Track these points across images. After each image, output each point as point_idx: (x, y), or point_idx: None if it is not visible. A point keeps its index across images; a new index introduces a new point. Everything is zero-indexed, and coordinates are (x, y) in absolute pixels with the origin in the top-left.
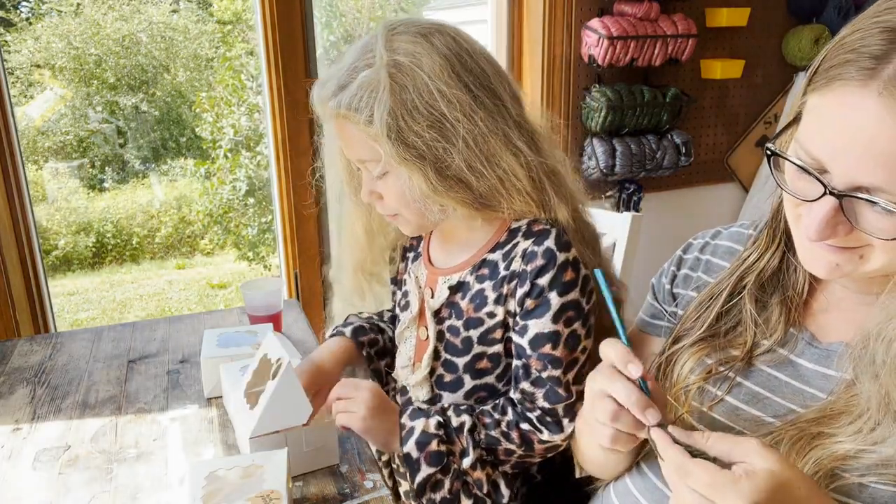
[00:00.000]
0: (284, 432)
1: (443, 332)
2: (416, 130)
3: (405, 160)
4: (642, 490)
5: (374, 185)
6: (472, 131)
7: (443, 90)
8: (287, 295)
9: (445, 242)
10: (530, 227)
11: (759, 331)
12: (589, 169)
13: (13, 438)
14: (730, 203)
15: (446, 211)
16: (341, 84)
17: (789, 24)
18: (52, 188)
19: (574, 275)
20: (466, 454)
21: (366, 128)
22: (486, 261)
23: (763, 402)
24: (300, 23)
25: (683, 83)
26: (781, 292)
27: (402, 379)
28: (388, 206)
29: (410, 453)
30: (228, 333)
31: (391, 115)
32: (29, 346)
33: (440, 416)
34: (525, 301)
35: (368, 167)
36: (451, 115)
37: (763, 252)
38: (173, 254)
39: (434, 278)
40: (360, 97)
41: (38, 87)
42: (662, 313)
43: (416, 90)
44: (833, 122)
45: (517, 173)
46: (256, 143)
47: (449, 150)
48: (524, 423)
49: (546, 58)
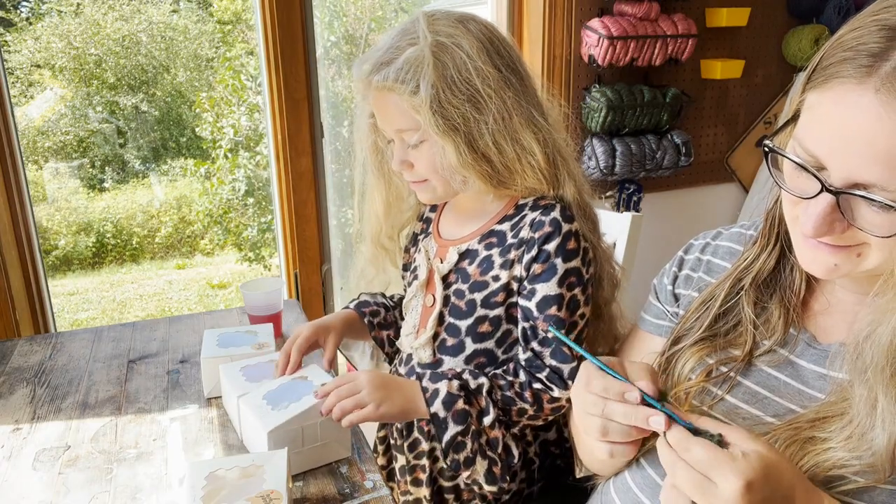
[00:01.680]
0: (301, 425)
1: (449, 296)
2: (455, 104)
3: (442, 130)
4: (641, 485)
5: (406, 155)
6: (500, 109)
7: (479, 68)
8: (287, 295)
9: (457, 216)
10: (537, 202)
11: (758, 332)
12: (589, 169)
13: (13, 438)
14: (730, 203)
15: (467, 182)
16: (385, 61)
17: (789, 24)
18: (52, 188)
19: (576, 244)
20: (487, 413)
21: (410, 98)
22: (494, 231)
23: (762, 401)
24: (300, 23)
25: (683, 83)
26: (780, 293)
27: (406, 345)
28: (418, 174)
29: (438, 413)
30: (228, 333)
31: (434, 87)
32: (29, 346)
33: (458, 380)
34: (532, 266)
35: (405, 136)
36: (484, 92)
37: (759, 253)
38: (173, 254)
39: (444, 250)
40: (406, 70)
41: (38, 87)
42: (664, 313)
43: (456, 67)
44: (831, 120)
45: (534, 151)
46: (256, 143)
47: (480, 124)
48: (536, 382)
49: (546, 58)
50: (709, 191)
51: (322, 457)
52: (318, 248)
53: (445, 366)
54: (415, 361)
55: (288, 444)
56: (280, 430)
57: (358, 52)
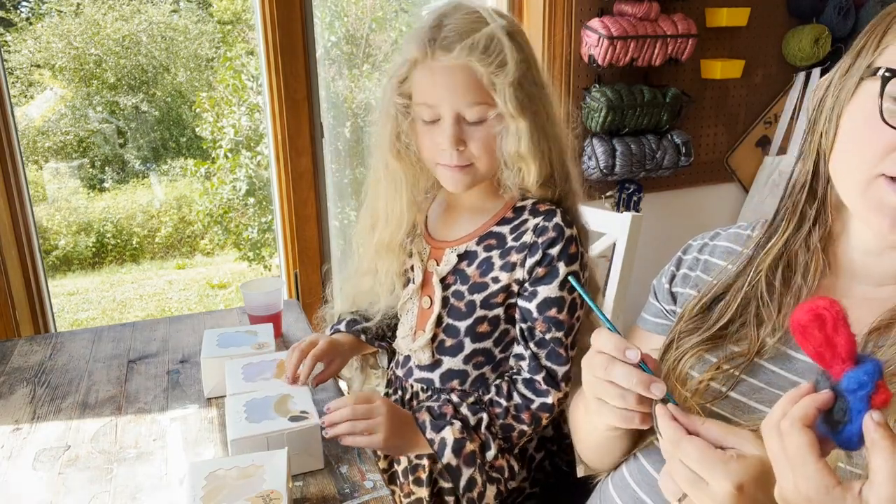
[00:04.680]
0: (266, 435)
1: (447, 298)
2: (528, 86)
3: (519, 108)
4: (639, 480)
5: (461, 133)
6: (554, 101)
7: (536, 58)
8: (287, 295)
9: (449, 216)
10: (536, 206)
11: (764, 326)
12: (589, 169)
13: (13, 438)
14: (730, 203)
15: (508, 174)
16: (461, 34)
17: (789, 24)
18: (52, 188)
19: (576, 249)
20: (489, 447)
21: (496, 70)
22: (493, 233)
23: (760, 392)
24: (300, 23)
25: (683, 83)
26: (791, 283)
27: (403, 348)
28: (468, 155)
29: (451, 463)
30: (228, 333)
31: (518, 64)
32: (29, 346)
33: (458, 419)
34: (535, 269)
35: (471, 113)
36: (542, 81)
37: (772, 236)
38: (173, 254)
39: (439, 252)
40: (492, 45)
41: (38, 87)
42: (663, 312)
43: (524, 52)
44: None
45: (567, 147)
46: (256, 143)
47: (544, 113)
48: (530, 392)
49: (546, 58)
50: (709, 191)
51: (293, 468)
52: (318, 248)
53: (444, 366)
54: (413, 363)
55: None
56: (244, 441)
57: (358, 52)
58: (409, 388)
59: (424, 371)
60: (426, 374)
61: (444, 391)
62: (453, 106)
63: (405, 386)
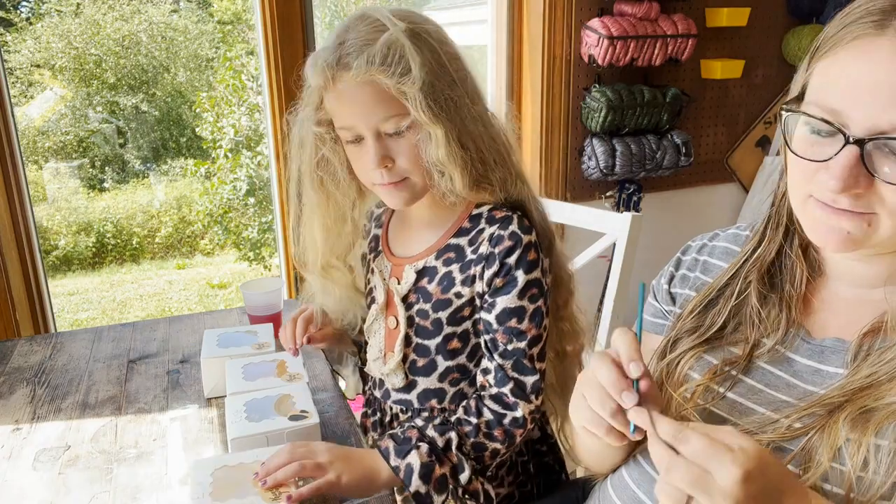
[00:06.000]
0: (266, 434)
1: (412, 317)
2: (441, 88)
3: (434, 115)
4: (638, 481)
5: (385, 149)
6: (473, 97)
7: (449, 53)
8: (287, 295)
9: (406, 230)
10: (492, 214)
11: (760, 328)
12: (589, 169)
13: (13, 438)
14: (730, 203)
15: (446, 178)
16: (357, 49)
17: (789, 24)
18: (52, 188)
19: (536, 255)
20: (462, 469)
21: (399, 80)
22: (451, 245)
23: (759, 394)
24: (300, 23)
25: (683, 83)
26: (781, 288)
27: (375, 371)
28: (398, 171)
29: (419, 490)
30: (228, 333)
31: (423, 68)
32: (29, 346)
33: (425, 442)
34: (494, 280)
35: (387, 126)
36: (458, 79)
37: (758, 244)
38: (173, 254)
39: (399, 269)
40: (391, 53)
41: (38, 87)
42: (663, 313)
43: (432, 52)
44: (849, 73)
45: (500, 141)
46: (257, 143)
47: (463, 113)
48: (499, 406)
49: (546, 58)
50: (709, 191)
51: None
52: None
53: (420, 386)
54: (388, 386)
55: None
56: (244, 440)
57: None
58: (388, 411)
59: (401, 392)
60: (403, 395)
61: (423, 410)
62: (369, 124)
63: (384, 408)
